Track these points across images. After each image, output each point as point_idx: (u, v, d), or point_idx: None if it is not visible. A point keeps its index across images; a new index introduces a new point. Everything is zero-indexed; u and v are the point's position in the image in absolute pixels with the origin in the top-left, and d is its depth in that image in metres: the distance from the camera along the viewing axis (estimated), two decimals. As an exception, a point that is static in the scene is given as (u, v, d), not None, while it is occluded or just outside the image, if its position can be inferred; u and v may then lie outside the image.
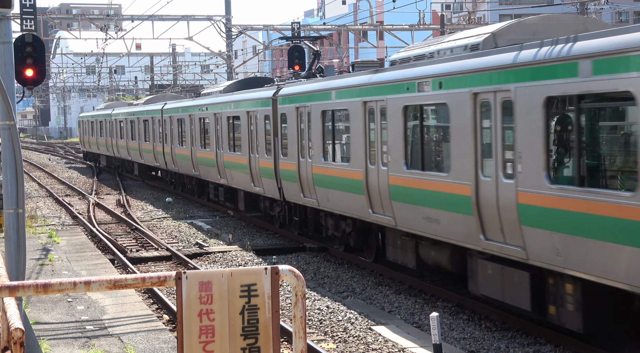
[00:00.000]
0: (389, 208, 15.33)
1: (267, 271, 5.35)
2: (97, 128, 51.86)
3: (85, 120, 58.47)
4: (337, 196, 17.77)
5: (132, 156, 41.78)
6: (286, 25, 43.03)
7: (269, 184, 22.00)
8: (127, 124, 42.59)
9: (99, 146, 52.17)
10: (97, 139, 51.89)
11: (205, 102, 28.36)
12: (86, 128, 57.58)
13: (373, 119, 15.83)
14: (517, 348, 11.87)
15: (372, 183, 16.02)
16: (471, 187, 12.58)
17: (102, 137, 49.93)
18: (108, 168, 51.37)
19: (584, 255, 10.22)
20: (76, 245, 20.62)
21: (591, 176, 10.42)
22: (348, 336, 12.58)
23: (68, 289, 5.11)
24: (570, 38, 10.60)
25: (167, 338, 11.63)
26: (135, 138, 40.60)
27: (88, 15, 45.76)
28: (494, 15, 74.36)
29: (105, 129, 48.71)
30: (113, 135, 46.31)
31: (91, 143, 55.17)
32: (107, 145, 48.78)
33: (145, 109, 38.91)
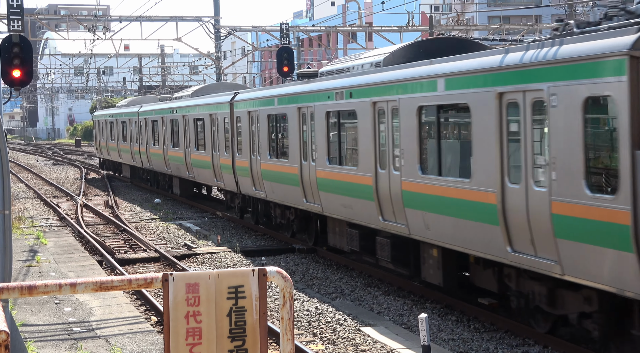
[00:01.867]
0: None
1: (255, 272, 5.32)
2: (118, 130, 43.48)
3: (101, 120, 49.11)
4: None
5: (172, 168, 32.61)
6: (275, 27, 42.99)
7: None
8: (164, 125, 33.35)
9: (120, 154, 43.30)
10: (119, 144, 43.26)
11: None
12: (103, 130, 48.32)
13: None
14: (505, 349, 11.87)
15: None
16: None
17: (126, 142, 41.38)
18: (133, 180, 42.69)
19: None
20: (64, 246, 20.52)
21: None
22: (337, 337, 12.55)
23: (53, 291, 5.06)
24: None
25: (154, 339, 11.57)
26: (179, 145, 30.95)
27: (76, 16, 45.61)
28: (482, 16, 74.56)
29: (131, 131, 40.10)
30: (142, 139, 37.75)
31: (110, 149, 45.94)
32: (133, 153, 39.80)
33: (196, 103, 28.93)
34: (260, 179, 21.91)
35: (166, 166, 33.42)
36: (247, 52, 58.09)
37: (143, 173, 40.80)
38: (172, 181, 34.36)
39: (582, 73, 10.03)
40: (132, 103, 44.48)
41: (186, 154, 29.72)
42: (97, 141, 51.35)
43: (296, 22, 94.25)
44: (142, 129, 37.45)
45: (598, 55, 9.74)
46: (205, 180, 28.17)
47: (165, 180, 36.21)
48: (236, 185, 24.24)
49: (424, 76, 13.66)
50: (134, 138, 39.37)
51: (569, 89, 10.25)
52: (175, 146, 31.31)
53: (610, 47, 9.60)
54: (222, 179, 25.59)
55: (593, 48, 9.90)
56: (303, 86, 18.97)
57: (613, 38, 9.66)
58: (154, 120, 35.19)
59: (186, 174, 30.25)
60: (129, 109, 41.42)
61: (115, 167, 47.70)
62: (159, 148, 34.17)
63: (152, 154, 35.74)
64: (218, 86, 32.15)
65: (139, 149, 38.42)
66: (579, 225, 10.16)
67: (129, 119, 40.88)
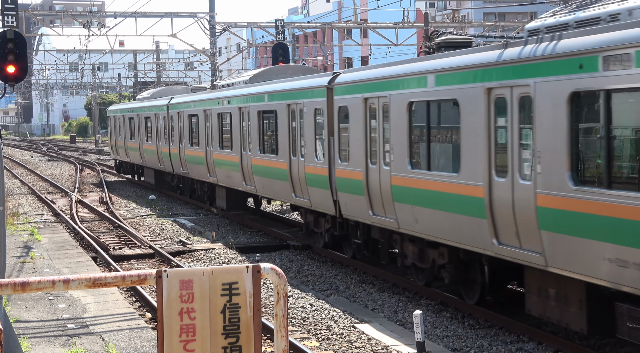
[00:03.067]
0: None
1: (249, 269, 5.31)
2: (141, 127, 36.56)
3: (118, 116, 42.26)
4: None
5: (219, 176, 25.75)
6: (270, 23, 42.93)
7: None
8: (208, 120, 26.66)
9: (143, 155, 36.39)
10: (141, 144, 36.44)
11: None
12: (120, 127, 41.52)
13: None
14: (499, 345, 11.87)
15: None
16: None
17: (151, 141, 34.72)
18: (159, 187, 35.90)
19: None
20: (58, 242, 20.48)
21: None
22: (331, 334, 12.55)
23: (47, 287, 5.05)
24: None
25: (149, 336, 11.56)
26: (228, 146, 24.73)
27: (71, 12, 45.50)
28: (477, 13, 74.57)
29: (158, 128, 33.46)
30: (173, 139, 30.94)
31: (130, 150, 39.07)
32: (161, 155, 33.06)
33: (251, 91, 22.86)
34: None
35: (209, 173, 26.48)
36: (242, 49, 58.02)
37: (172, 180, 33.63)
38: (216, 191, 27.16)
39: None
40: (157, 95, 37.11)
41: (243, 159, 23.18)
42: (112, 140, 43.99)
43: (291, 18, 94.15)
44: (175, 125, 30.47)
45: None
46: (277, 194, 21.17)
47: (203, 189, 29.00)
48: (336, 206, 17.59)
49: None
50: (162, 136, 32.52)
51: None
52: (225, 148, 24.74)
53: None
54: (308, 194, 18.82)
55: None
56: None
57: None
58: (191, 114, 28.20)
59: (242, 185, 23.46)
60: (155, 102, 34.35)
61: (134, 170, 40.97)
62: (199, 150, 27.21)
63: (189, 158, 28.60)
64: (285, 69, 24.79)
65: (169, 151, 31.43)
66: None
67: (154, 114, 33.76)
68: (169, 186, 34.55)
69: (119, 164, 43.77)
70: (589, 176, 10.18)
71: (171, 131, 31.21)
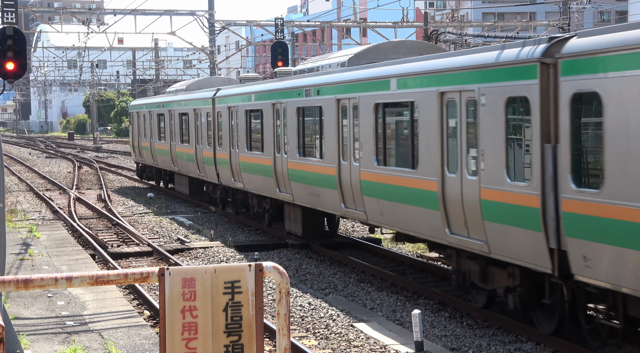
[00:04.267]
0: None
1: (251, 268, 5.31)
2: (173, 126, 30.34)
3: (143, 112, 35.68)
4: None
5: (296, 192, 19.40)
6: (270, 22, 42.94)
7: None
8: (279, 117, 20.24)
9: (176, 160, 30.33)
10: (173, 146, 30.30)
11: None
12: (146, 125, 35.08)
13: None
14: (498, 345, 11.89)
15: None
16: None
17: (188, 144, 28.50)
18: (196, 199, 30.31)
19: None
20: (57, 239, 20.48)
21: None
22: (330, 333, 12.56)
23: (49, 285, 5.05)
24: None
25: (148, 334, 11.57)
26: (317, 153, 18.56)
27: (70, 9, 45.47)
28: (476, 13, 74.60)
29: (199, 127, 27.28)
30: (222, 141, 24.67)
31: (158, 153, 32.82)
32: (202, 161, 26.91)
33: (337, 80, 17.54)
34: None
35: (279, 187, 20.25)
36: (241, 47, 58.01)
37: (215, 191, 27.25)
38: (286, 211, 21.13)
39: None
40: (195, 87, 30.62)
41: (344, 170, 16.90)
42: (135, 141, 37.48)
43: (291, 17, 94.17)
44: (224, 124, 24.32)
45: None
46: (417, 227, 14.43)
47: (263, 207, 22.78)
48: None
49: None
50: (204, 137, 26.55)
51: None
52: (310, 155, 18.71)
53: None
54: (469, 229, 12.80)
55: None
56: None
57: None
58: (252, 110, 22.01)
59: (341, 208, 17.18)
60: (194, 95, 28.27)
61: (161, 176, 35.07)
62: (264, 156, 21.12)
63: (247, 166, 22.47)
64: (396, 46, 18.06)
65: (214, 156, 25.40)
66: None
67: (193, 109, 27.56)
68: (210, 198, 28.46)
69: (141, 168, 37.57)
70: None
71: (218, 130, 25.10)
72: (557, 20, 42.84)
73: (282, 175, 20.15)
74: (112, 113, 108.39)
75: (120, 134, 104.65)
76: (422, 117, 13.86)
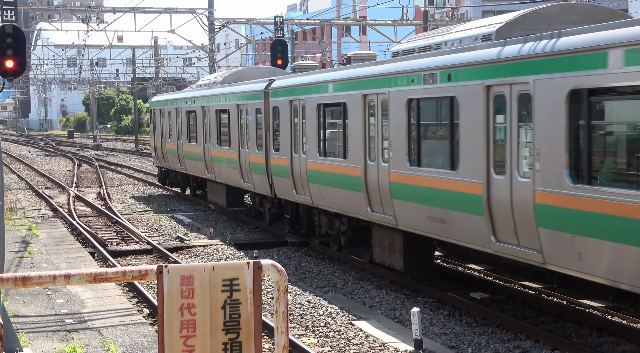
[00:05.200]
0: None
1: (250, 265, 5.32)
2: (208, 125, 25.95)
3: (168, 109, 31.05)
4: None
5: (401, 213, 14.66)
6: (269, 20, 42.92)
7: None
8: (375, 115, 15.55)
9: (210, 166, 25.92)
10: (207, 149, 25.97)
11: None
12: (171, 124, 30.52)
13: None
14: (497, 343, 11.89)
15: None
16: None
17: (228, 147, 24.04)
18: (235, 212, 25.84)
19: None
20: (56, 237, 20.49)
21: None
22: (329, 331, 12.57)
23: (48, 282, 5.05)
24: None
25: (147, 332, 11.57)
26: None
27: (69, 7, 45.45)
28: (476, 11, 74.58)
29: (244, 127, 22.76)
30: (279, 145, 20.17)
31: (187, 157, 28.48)
32: (248, 169, 22.29)
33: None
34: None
35: (371, 206, 15.64)
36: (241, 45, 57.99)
37: (263, 205, 23.13)
38: (381, 237, 16.08)
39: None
40: (233, 79, 25.74)
41: (495, 187, 12.01)
42: (157, 142, 33.00)
43: (290, 15, 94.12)
44: (284, 122, 19.63)
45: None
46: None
47: (337, 227, 18.01)
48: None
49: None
50: (252, 139, 21.94)
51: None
52: (432, 164, 13.77)
53: None
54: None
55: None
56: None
57: None
58: (329, 104, 17.43)
59: (487, 241, 12.31)
60: (237, 88, 23.54)
61: (189, 183, 30.66)
62: (350, 165, 16.37)
63: (317, 175, 17.97)
64: (563, 10, 13.12)
65: (267, 162, 20.82)
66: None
67: (236, 105, 23.12)
68: (257, 213, 23.85)
69: (164, 173, 33.29)
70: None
71: (272, 131, 20.67)
72: (557, 19, 42.81)
73: (379, 190, 15.28)
74: (111, 111, 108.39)
75: (120, 132, 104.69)
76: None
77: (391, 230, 15.45)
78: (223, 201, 26.27)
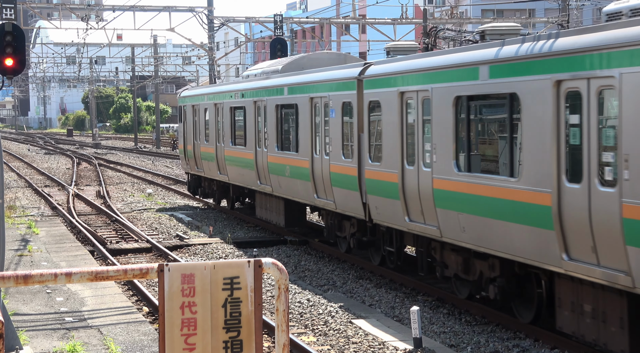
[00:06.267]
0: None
1: (250, 264, 5.33)
2: (265, 126, 20.92)
3: (204, 105, 26.07)
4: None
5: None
6: (269, 18, 42.91)
7: None
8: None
9: (266, 176, 20.97)
10: (262, 156, 21.06)
11: None
12: (209, 124, 25.74)
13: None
14: (496, 342, 11.91)
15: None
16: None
17: (295, 153, 19.13)
18: (293, 232, 21.47)
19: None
20: (55, 236, 20.49)
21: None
22: (328, 329, 12.58)
23: (49, 280, 5.06)
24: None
25: (147, 330, 11.58)
26: None
27: (69, 5, 45.43)
28: (476, 9, 74.56)
29: (314, 128, 18.34)
30: (383, 153, 15.31)
31: (229, 162, 23.80)
32: (327, 180, 17.55)
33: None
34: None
35: (568, 253, 10.47)
36: (240, 43, 57.97)
37: (342, 228, 17.86)
38: (557, 289, 11.25)
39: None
40: (293, 68, 20.81)
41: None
42: (188, 145, 27.91)
43: (290, 13, 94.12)
44: (391, 122, 14.98)
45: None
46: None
47: (488, 275, 12.71)
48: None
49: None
50: (334, 143, 17.22)
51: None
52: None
53: None
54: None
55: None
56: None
57: None
58: (475, 96, 12.56)
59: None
60: (309, 77, 18.66)
61: (228, 194, 25.66)
62: (521, 185, 11.28)
63: (459, 201, 12.80)
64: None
65: (359, 175, 16.24)
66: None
67: (310, 98, 18.24)
68: (330, 234, 18.43)
69: (195, 181, 28.30)
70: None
71: (370, 133, 15.91)
72: (556, 17, 42.84)
73: (581, 225, 10.31)
74: (111, 109, 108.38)
75: (119, 130, 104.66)
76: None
77: None
78: (278, 219, 21.23)
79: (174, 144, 63.45)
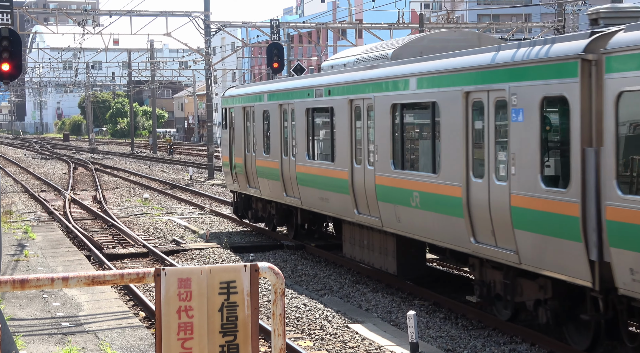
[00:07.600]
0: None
1: (247, 268, 5.34)
2: (354, 134, 16.03)
3: (261, 107, 20.74)
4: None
5: None
6: (265, 23, 42.95)
7: None
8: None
9: (360, 200, 15.68)
10: (359, 175, 15.73)
11: None
12: (263, 132, 20.74)
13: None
14: (493, 346, 11.92)
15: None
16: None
17: (432, 175, 13.23)
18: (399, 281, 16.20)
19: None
20: (52, 241, 20.48)
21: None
22: (325, 334, 12.58)
23: (46, 285, 5.07)
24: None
25: (143, 335, 11.58)
26: None
27: (65, 10, 45.42)
28: (472, 14, 74.68)
29: (468, 139, 12.27)
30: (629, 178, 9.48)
31: (301, 181, 18.38)
32: (501, 213, 11.39)
33: None
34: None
35: None
36: (237, 48, 58.01)
37: (516, 291, 11.90)
38: None
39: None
40: (410, 54, 15.46)
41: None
42: (237, 157, 22.73)
43: (286, 18, 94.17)
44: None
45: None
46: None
47: None
48: None
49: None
50: (521, 161, 11.05)
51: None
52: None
53: None
54: None
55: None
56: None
57: None
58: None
59: None
60: (462, 60, 12.67)
61: (292, 219, 20.60)
62: None
63: None
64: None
65: (583, 213, 9.86)
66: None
67: (464, 91, 12.31)
68: (485, 297, 12.80)
69: (243, 201, 23.18)
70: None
71: (616, 148, 9.59)
72: (553, 22, 42.93)
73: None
74: (107, 114, 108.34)
75: (116, 135, 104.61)
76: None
77: None
78: (388, 264, 15.55)
79: (170, 149, 63.43)
